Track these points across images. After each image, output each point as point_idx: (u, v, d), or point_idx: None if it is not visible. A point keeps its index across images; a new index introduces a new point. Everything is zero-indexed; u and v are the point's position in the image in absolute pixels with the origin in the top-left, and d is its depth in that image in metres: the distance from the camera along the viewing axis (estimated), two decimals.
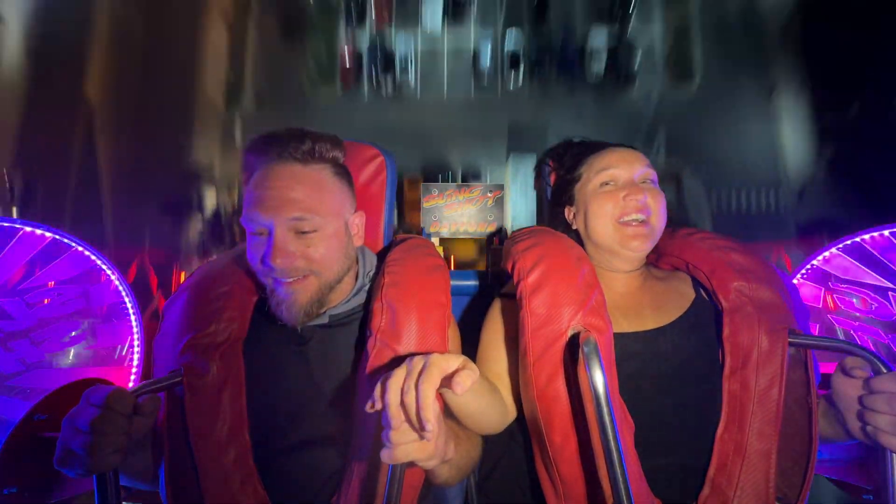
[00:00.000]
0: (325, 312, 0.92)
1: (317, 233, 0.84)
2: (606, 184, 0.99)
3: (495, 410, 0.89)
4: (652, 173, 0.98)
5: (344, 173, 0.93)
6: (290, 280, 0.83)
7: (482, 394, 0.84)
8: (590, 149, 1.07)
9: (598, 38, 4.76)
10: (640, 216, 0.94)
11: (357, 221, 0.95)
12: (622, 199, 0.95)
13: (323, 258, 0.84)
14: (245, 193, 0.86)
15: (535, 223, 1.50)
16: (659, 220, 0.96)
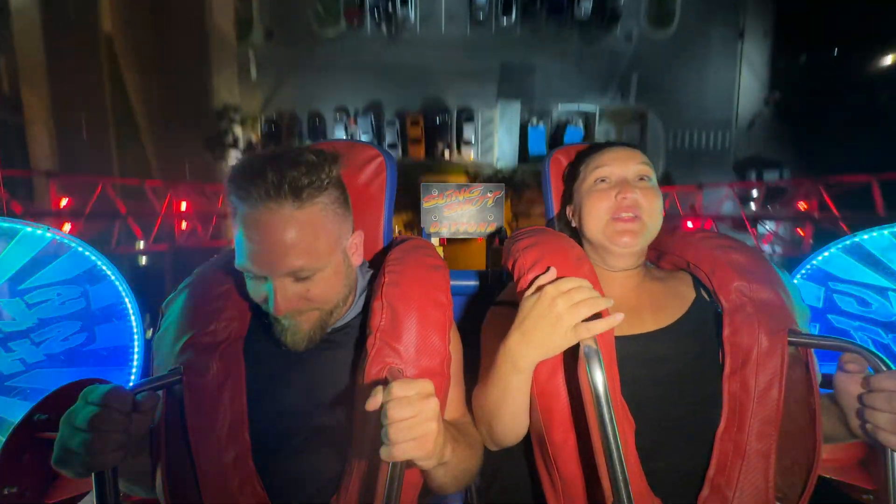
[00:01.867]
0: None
1: (316, 275, 0.79)
2: (601, 181, 0.99)
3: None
4: (647, 170, 0.98)
5: (339, 195, 0.84)
6: (288, 322, 0.82)
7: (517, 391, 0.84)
8: (591, 149, 1.08)
9: None
10: (631, 213, 0.94)
11: (355, 242, 0.90)
12: (614, 197, 0.95)
13: (323, 295, 0.82)
14: (235, 234, 0.78)
15: (517, 162, 1.56)
16: (652, 218, 0.95)
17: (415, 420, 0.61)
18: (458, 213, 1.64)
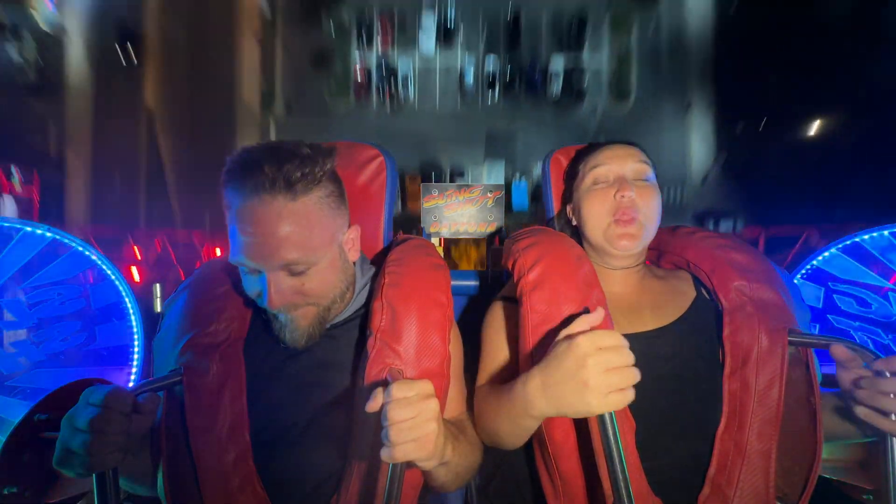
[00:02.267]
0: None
1: (311, 269, 0.79)
2: (599, 180, 0.98)
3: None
4: (646, 169, 0.97)
5: (335, 188, 0.84)
6: (287, 315, 0.82)
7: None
8: (590, 148, 1.07)
9: (558, 64, 6.65)
10: (630, 214, 0.93)
11: (351, 237, 0.90)
12: (612, 197, 0.94)
13: (318, 289, 0.81)
14: (229, 226, 0.78)
15: (503, 213, 1.62)
16: (649, 218, 0.95)
17: (415, 421, 0.61)
18: (458, 213, 1.64)
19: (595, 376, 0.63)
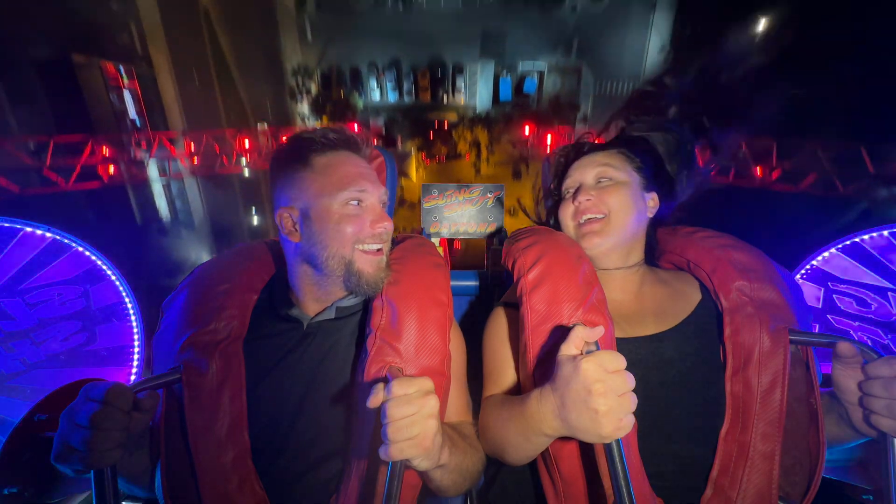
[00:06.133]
0: (332, 305, 0.93)
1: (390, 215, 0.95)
2: (567, 191, 1.04)
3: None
4: (607, 171, 1.00)
5: None
6: (380, 247, 0.91)
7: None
8: (571, 156, 1.10)
9: None
10: (593, 214, 0.98)
11: None
12: (574, 204, 0.99)
13: (389, 234, 0.94)
14: (322, 170, 0.90)
15: (491, 105, 1.68)
16: (618, 214, 0.96)
17: (413, 418, 0.61)
18: (458, 214, 1.64)
19: (605, 404, 0.61)
